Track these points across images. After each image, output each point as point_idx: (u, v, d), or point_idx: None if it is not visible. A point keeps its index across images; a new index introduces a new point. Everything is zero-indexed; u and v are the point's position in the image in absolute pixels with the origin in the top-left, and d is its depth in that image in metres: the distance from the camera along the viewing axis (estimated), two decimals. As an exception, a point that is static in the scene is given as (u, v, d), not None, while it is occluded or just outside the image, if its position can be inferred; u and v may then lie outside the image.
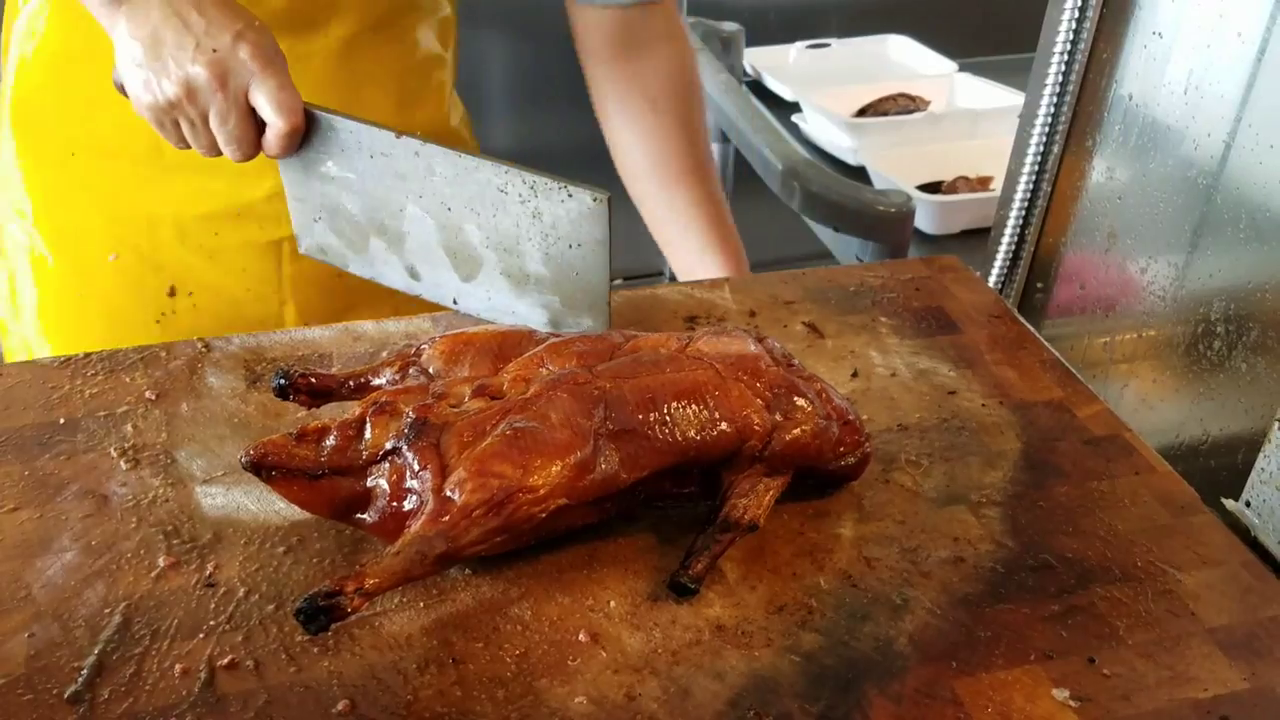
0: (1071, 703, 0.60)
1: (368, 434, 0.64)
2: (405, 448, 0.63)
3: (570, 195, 0.76)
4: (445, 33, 1.06)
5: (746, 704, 0.60)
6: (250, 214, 0.98)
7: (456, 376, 0.69)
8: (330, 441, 0.64)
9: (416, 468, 0.62)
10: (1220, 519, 0.74)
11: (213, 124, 0.79)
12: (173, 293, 1.00)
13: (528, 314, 0.84)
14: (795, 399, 0.69)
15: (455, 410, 0.65)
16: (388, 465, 0.63)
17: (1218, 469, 0.84)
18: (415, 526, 0.61)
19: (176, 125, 0.81)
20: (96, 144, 0.97)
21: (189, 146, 0.82)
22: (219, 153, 0.82)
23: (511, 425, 0.63)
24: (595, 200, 0.75)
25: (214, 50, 0.76)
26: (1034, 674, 0.62)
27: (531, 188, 0.77)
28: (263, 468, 0.62)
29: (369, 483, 0.64)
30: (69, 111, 0.97)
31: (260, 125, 0.80)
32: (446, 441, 0.63)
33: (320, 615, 0.57)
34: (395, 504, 0.63)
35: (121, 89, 0.82)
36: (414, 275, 0.86)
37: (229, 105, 0.78)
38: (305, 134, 0.81)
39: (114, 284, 1.00)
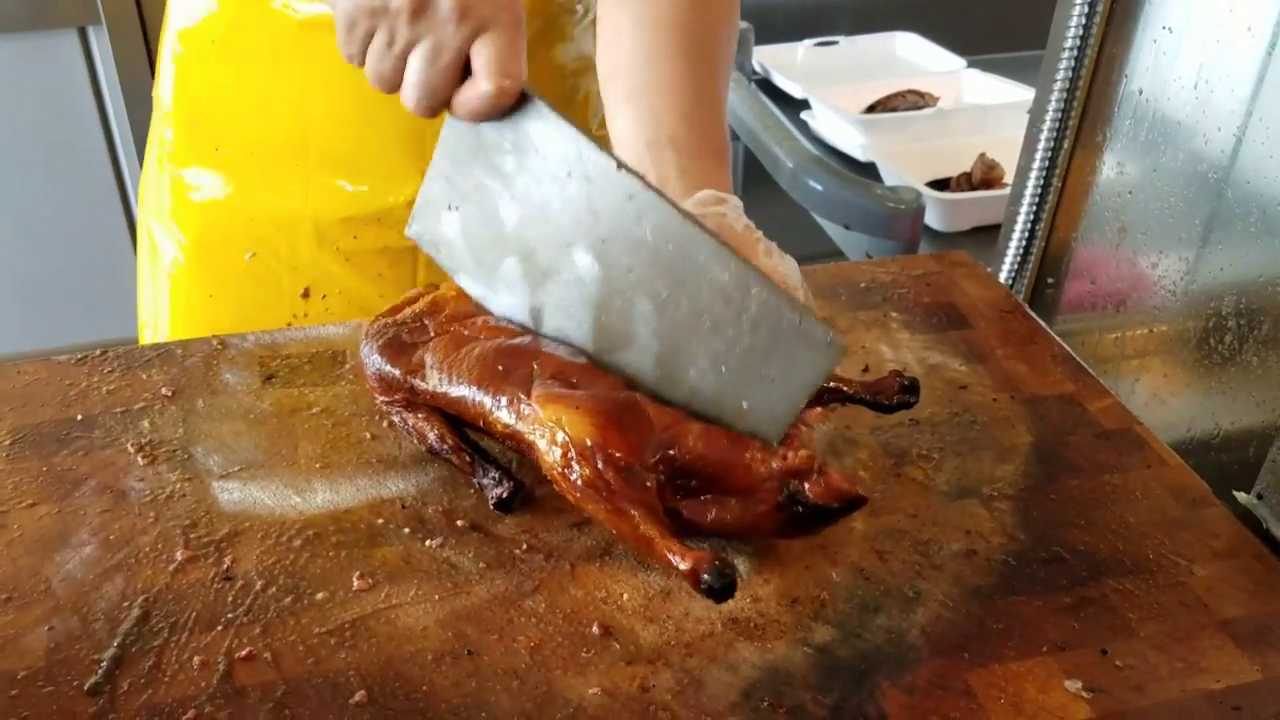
0: (1084, 694, 0.61)
1: None
2: None
3: (800, 323, 0.60)
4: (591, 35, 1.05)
5: (760, 695, 0.60)
6: (391, 218, 0.97)
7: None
8: None
9: None
10: (1232, 512, 0.74)
11: (415, 55, 0.64)
12: (307, 294, 0.99)
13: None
14: None
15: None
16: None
17: (1229, 462, 0.84)
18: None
19: (368, 36, 0.65)
20: (242, 140, 0.96)
21: (357, 61, 0.67)
22: (390, 88, 0.67)
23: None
24: (829, 340, 0.60)
25: None
26: (1046, 665, 0.62)
27: (751, 294, 0.61)
28: None
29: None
30: (216, 109, 0.97)
31: (462, 80, 0.65)
32: None
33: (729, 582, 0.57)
34: None
35: None
36: (536, 319, 0.70)
37: (451, 43, 0.63)
38: (506, 112, 0.66)
39: (248, 284, 1.00)
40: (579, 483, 0.62)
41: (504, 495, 0.70)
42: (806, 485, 0.63)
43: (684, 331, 0.64)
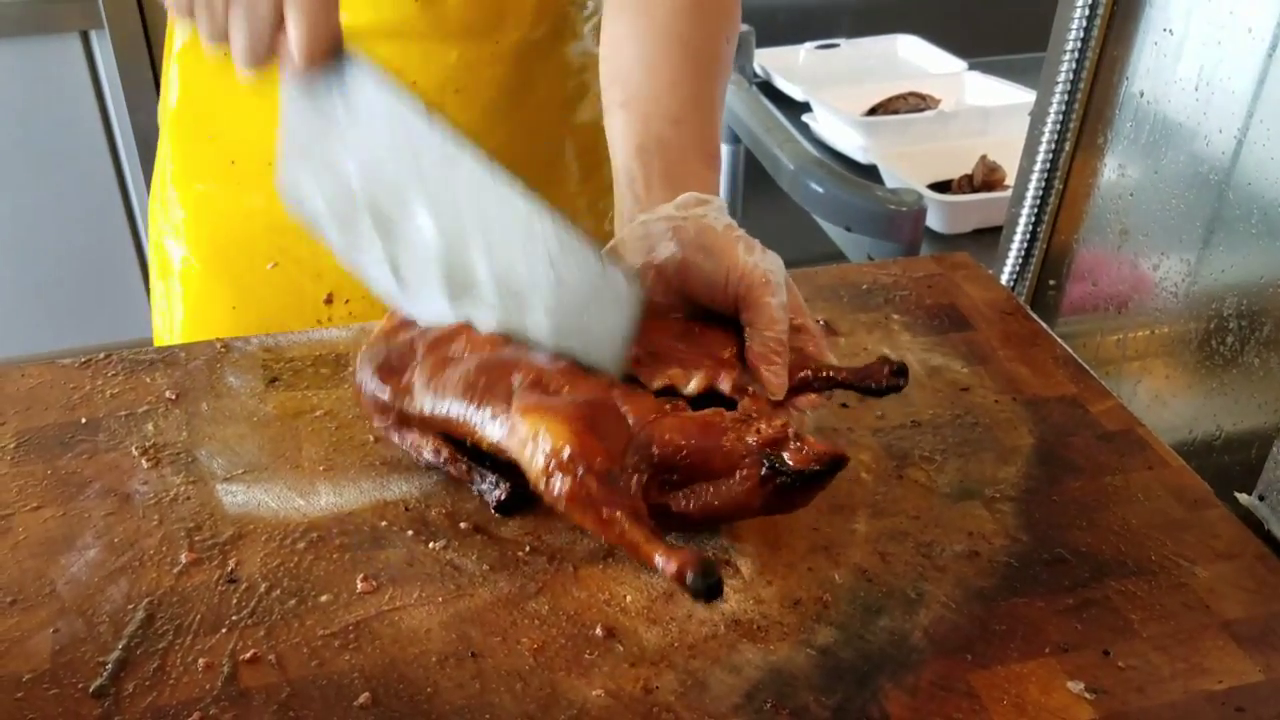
0: (1087, 695, 0.61)
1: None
2: None
3: (601, 269, 0.65)
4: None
5: (763, 697, 0.60)
6: None
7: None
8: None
9: None
10: (1233, 513, 0.74)
11: (235, 12, 0.65)
12: (330, 300, 0.99)
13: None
14: None
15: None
16: None
17: (1231, 464, 0.84)
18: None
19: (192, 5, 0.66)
20: (258, 151, 0.97)
21: (186, 14, 0.67)
22: (218, 42, 0.67)
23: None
24: (628, 280, 0.65)
25: None
26: (1049, 666, 0.62)
27: (559, 242, 0.65)
28: None
29: None
30: (230, 122, 0.97)
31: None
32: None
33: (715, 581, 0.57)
34: None
35: None
36: (396, 274, 0.72)
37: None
38: (336, 68, 0.66)
39: (271, 293, 0.99)
40: (563, 493, 0.63)
41: (502, 497, 0.70)
42: (786, 454, 0.63)
43: (516, 281, 0.67)
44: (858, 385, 0.71)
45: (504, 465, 0.72)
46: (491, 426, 0.66)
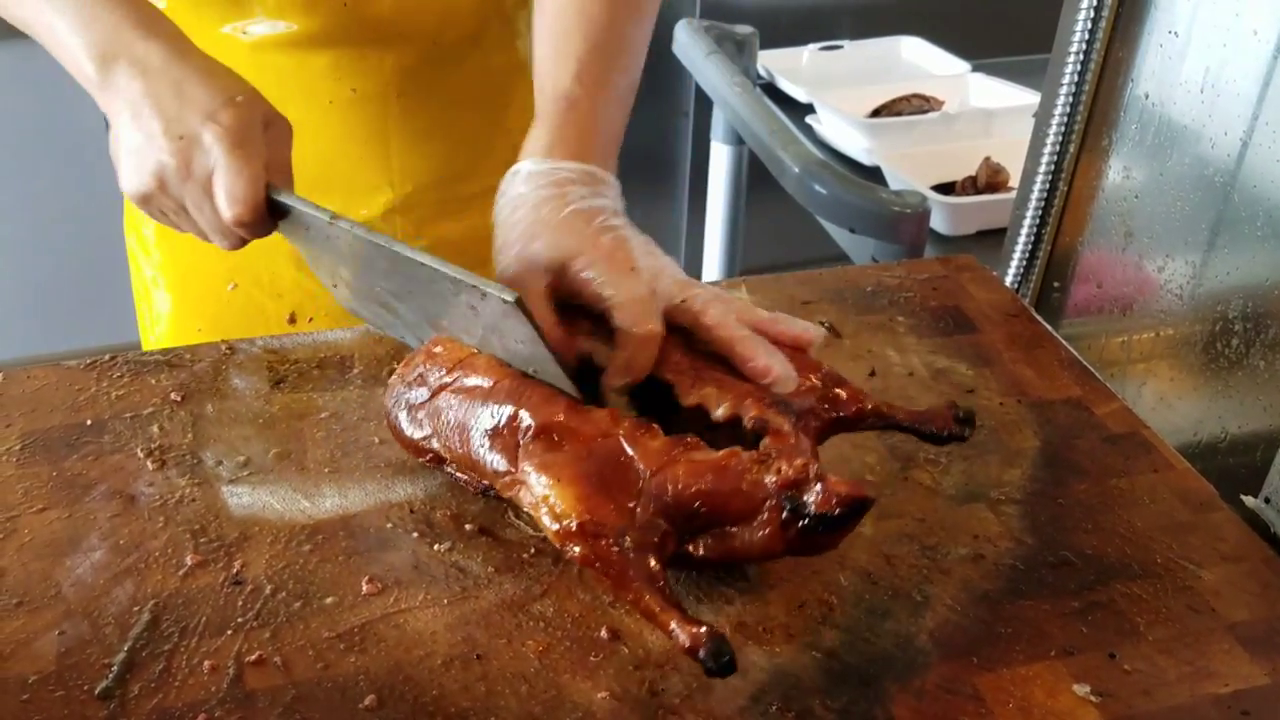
0: (1092, 698, 0.61)
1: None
2: None
3: (484, 296, 0.67)
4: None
5: (769, 700, 0.60)
6: None
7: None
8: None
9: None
10: (1239, 516, 0.74)
11: (192, 215, 0.74)
12: (293, 320, 0.99)
13: None
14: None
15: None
16: None
17: (1236, 466, 0.84)
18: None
19: (162, 215, 0.76)
20: None
21: (183, 231, 0.77)
22: (205, 240, 0.76)
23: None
24: (504, 301, 0.65)
25: (180, 137, 0.71)
26: (1055, 669, 0.62)
27: (453, 285, 0.68)
28: None
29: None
30: None
31: None
32: None
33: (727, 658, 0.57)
34: None
35: None
36: (415, 337, 0.81)
37: (199, 195, 0.72)
38: (274, 216, 0.74)
39: (234, 314, 0.99)
40: (576, 560, 0.62)
41: None
42: (808, 496, 0.61)
43: (467, 331, 0.72)
44: (918, 430, 0.70)
45: None
46: (502, 483, 0.67)
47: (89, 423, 0.78)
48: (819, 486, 0.61)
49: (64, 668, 0.61)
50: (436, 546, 0.69)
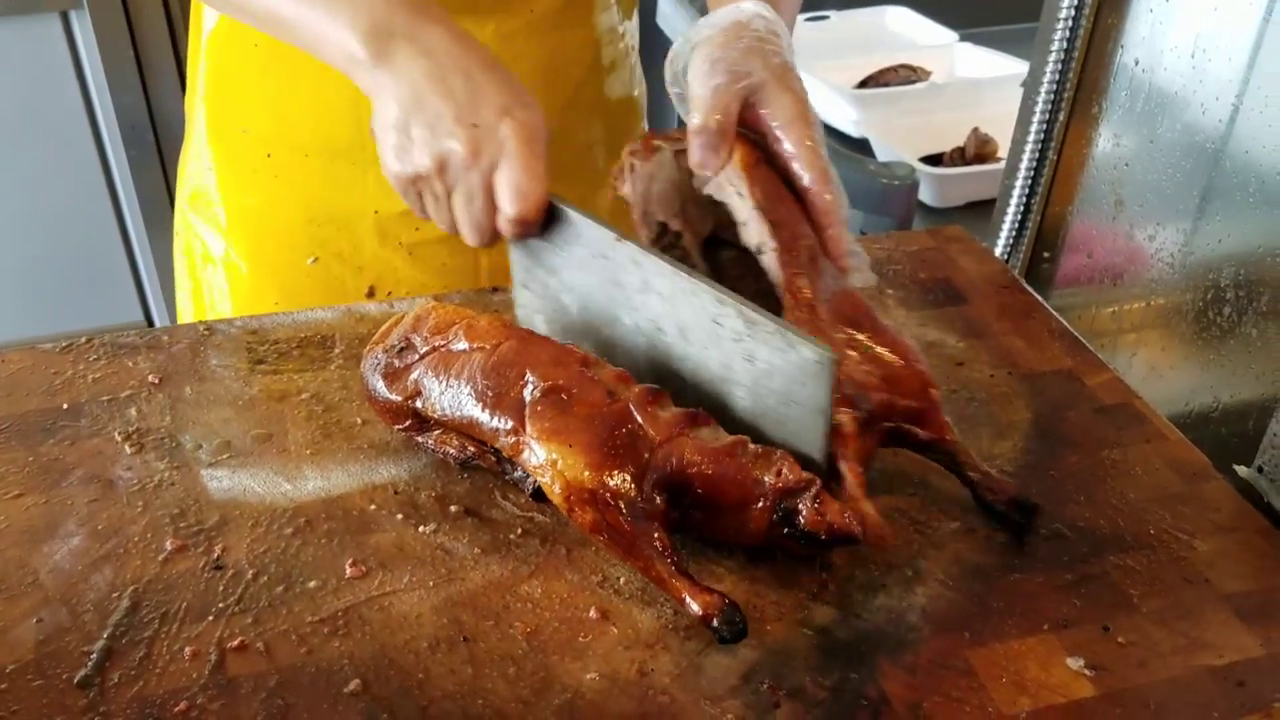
0: (1086, 671, 0.60)
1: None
2: None
3: (790, 346, 0.64)
4: (628, 3, 1.04)
5: (760, 678, 0.59)
6: None
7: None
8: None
9: None
10: (1233, 485, 0.74)
11: (456, 203, 0.73)
12: (372, 293, 0.98)
13: None
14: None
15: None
16: None
17: (1229, 436, 0.83)
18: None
19: (420, 196, 0.74)
20: (293, 143, 0.95)
21: (423, 217, 0.77)
22: (453, 232, 0.75)
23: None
24: (817, 358, 0.63)
25: (474, 125, 0.70)
26: (1048, 643, 0.62)
27: (749, 327, 0.66)
28: None
29: None
30: (265, 113, 0.95)
31: None
32: None
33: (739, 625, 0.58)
34: None
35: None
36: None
37: (477, 185, 0.71)
38: (543, 225, 0.73)
39: (313, 288, 0.98)
40: (585, 525, 0.63)
41: (537, 484, 0.69)
42: (802, 507, 0.62)
43: (716, 376, 0.69)
44: (977, 492, 0.69)
45: None
46: (507, 441, 0.66)
47: (65, 406, 0.77)
48: (815, 504, 0.62)
49: (42, 656, 0.60)
50: (421, 528, 0.68)
